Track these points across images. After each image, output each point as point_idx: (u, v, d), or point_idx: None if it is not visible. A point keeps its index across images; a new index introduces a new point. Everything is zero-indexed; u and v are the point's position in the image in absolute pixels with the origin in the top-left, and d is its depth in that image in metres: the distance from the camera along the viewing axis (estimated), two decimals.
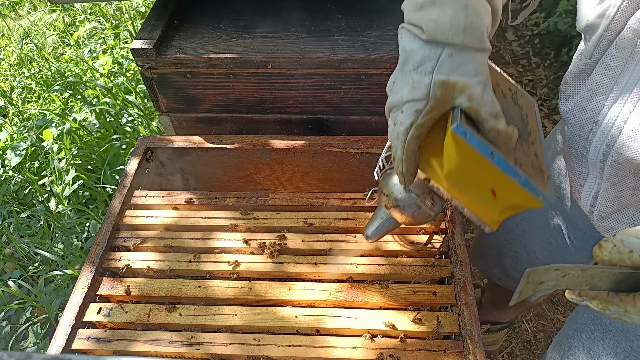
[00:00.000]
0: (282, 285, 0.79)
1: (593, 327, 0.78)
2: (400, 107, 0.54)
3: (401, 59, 0.53)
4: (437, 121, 0.54)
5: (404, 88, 0.53)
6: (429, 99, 0.51)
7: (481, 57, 0.51)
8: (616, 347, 0.73)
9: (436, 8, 0.49)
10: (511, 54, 2.40)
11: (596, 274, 0.45)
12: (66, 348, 0.74)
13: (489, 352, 1.44)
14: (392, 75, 0.55)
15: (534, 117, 0.62)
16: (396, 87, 0.54)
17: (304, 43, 0.99)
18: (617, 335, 0.73)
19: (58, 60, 2.17)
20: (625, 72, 0.54)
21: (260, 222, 0.89)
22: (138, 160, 1.01)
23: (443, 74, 0.50)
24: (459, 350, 0.71)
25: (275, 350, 0.72)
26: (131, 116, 1.78)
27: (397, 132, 0.55)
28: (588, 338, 0.79)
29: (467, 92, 0.50)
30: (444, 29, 0.49)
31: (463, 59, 0.50)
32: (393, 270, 0.81)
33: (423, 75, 0.51)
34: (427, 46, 0.50)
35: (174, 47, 1.01)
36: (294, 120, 1.08)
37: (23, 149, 1.65)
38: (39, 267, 1.48)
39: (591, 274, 0.45)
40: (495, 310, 1.35)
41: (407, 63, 0.52)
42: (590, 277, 0.45)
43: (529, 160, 0.56)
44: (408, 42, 0.52)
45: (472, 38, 0.49)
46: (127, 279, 0.82)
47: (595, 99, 0.58)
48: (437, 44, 0.50)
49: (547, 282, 0.46)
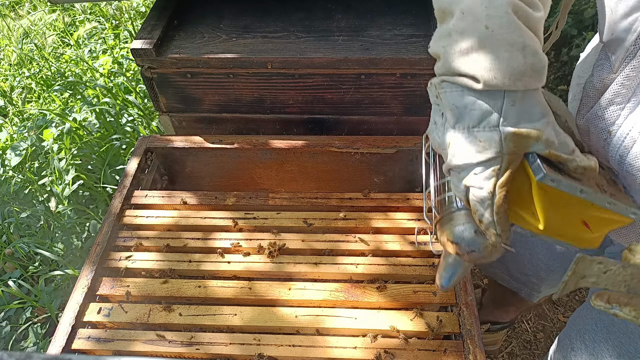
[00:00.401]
0: (282, 285, 0.79)
1: (596, 329, 0.78)
2: (471, 169, 0.50)
3: (452, 116, 0.49)
4: None
5: (471, 149, 0.48)
6: (503, 155, 0.48)
7: (541, 96, 0.48)
8: (620, 349, 0.73)
9: (488, 53, 0.45)
10: None
11: (636, 274, 0.44)
12: (66, 348, 0.74)
13: (489, 352, 1.44)
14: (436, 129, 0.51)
15: (569, 116, 0.62)
16: (458, 149, 0.49)
17: (304, 43, 0.99)
18: (621, 336, 0.73)
19: (58, 60, 2.17)
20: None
21: (260, 222, 0.89)
22: (138, 160, 1.01)
23: (512, 126, 0.46)
24: (459, 350, 0.71)
25: (275, 350, 0.72)
26: (131, 116, 1.78)
27: (481, 198, 0.51)
28: (591, 339, 0.79)
29: (542, 139, 0.47)
30: (503, 76, 0.45)
31: (528, 104, 0.47)
32: (393, 270, 0.81)
33: (489, 131, 0.47)
34: (484, 97, 0.46)
35: (174, 47, 1.01)
36: (294, 120, 1.08)
37: (23, 149, 1.65)
38: (39, 267, 1.48)
39: (632, 273, 0.44)
40: (495, 310, 1.35)
41: (463, 120, 0.48)
42: (630, 277, 0.44)
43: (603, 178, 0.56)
44: (457, 97, 0.47)
45: (534, 80, 0.46)
46: (127, 279, 0.82)
47: (610, 109, 0.57)
48: (495, 93, 0.46)
49: (589, 276, 0.45)
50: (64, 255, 1.46)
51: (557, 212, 0.54)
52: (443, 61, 0.48)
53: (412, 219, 0.88)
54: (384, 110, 1.03)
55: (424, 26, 1.01)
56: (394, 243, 0.84)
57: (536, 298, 1.06)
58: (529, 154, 0.50)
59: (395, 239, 0.85)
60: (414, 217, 0.88)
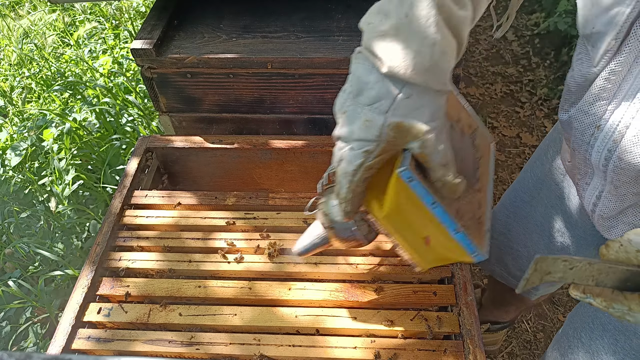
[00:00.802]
0: (282, 285, 0.79)
1: (592, 326, 0.78)
2: (350, 143, 0.51)
3: (355, 87, 0.50)
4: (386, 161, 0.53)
5: (356, 123, 0.49)
6: (381, 141, 0.49)
7: (440, 100, 0.48)
8: (615, 346, 0.73)
9: (400, 41, 0.46)
10: (511, 54, 2.40)
11: (603, 269, 0.45)
12: (66, 348, 0.74)
13: (489, 352, 1.44)
14: (342, 97, 0.52)
15: (487, 160, 0.61)
16: (348, 118, 0.50)
17: (304, 43, 0.99)
18: (616, 333, 0.73)
19: (58, 60, 2.17)
20: (628, 77, 0.53)
21: (260, 222, 0.89)
22: (138, 160, 1.01)
23: (398, 116, 0.47)
24: (459, 350, 0.71)
25: (275, 350, 0.72)
26: (131, 116, 1.78)
27: (345, 171, 0.52)
28: (587, 337, 0.79)
29: (421, 138, 0.47)
30: (407, 66, 0.45)
31: (421, 101, 0.47)
32: (393, 270, 0.81)
33: (377, 114, 0.48)
34: (385, 81, 0.47)
35: (174, 47, 1.01)
36: (294, 120, 1.08)
37: (23, 149, 1.65)
38: (39, 267, 1.48)
39: (598, 268, 0.45)
40: (495, 309, 1.35)
41: (361, 95, 0.49)
42: (597, 272, 0.45)
43: (472, 211, 0.55)
44: (364, 71, 0.49)
45: (435, 80, 0.47)
46: (127, 279, 0.82)
47: (597, 104, 0.57)
48: (396, 80, 0.47)
49: (554, 273, 0.46)
50: (64, 255, 1.46)
51: (405, 213, 0.54)
52: (365, 36, 0.49)
53: None
54: None
55: None
56: None
57: (534, 296, 1.06)
58: (406, 150, 0.51)
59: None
60: None
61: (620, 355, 0.73)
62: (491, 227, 0.91)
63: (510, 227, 0.99)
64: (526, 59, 2.36)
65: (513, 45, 2.44)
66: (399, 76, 0.46)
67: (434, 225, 0.52)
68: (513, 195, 1.01)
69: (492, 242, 1.04)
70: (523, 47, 2.43)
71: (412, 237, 0.57)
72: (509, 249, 1.02)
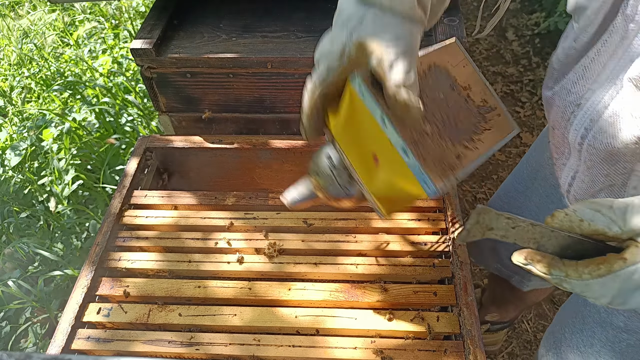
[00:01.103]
0: (282, 286, 0.79)
1: (575, 320, 0.79)
2: (318, 64, 0.51)
3: (335, 15, 0.51)
4: None
5: (326, 41, 0.50)
6: (344, 58, 0.49)
7: (409, 27, 0.48)
8: (592, 339, 0.75)
9: None
10: (511, 53, 2.40)
11: (545, 233, 0.46)
12: (66, 348, 0.74)
13: (489, 352, 1.44)
14: None
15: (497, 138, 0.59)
16: (321, 40, 0.52)
17: (304, 43, 0.99)
18: (594, 326, 0.74)
19: (58, 60, 2.17)
20: (613, 58, 0.53)
21: (260, 222, 0.89)
22: (138, 160, 1.01)
23: (361, 34, 0.48)
24: (459, 351, 0.71)
25: (275, 350, 0.72)
26: (131, 116, 1.78)
27: (309, 87, 0.52)
28: (570, 331, 0.81)
29: (378, 55, 0.47)
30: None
31: (387, 23, 0.47)
32: (393, 270, 0.81)
33: (342, 30, 0.49)
34: (358, 5, 0.48)
35: (173, 47, 1.00)
36: (294, 120, 1.08)
37: (23, 149, 1.64)
38: (38, 267, 1.48)
39: (541, 231, 0.46)
40: (495, 308, 1.35)
41: (337, 18, 0.50)
42: (540, 235, 0.46)
43: (443, 155, 0.53)
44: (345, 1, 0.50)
45: (400, 3, 0.47)
46: (127, 279, 0.82)
47: (580, 83, 0.58)
48: (367, 4, 0.48)
49: (497, 230, 0.46)
50: (64, 255, 1.46)
51: (355, 126, 0.53)
52: None
53: (412, 219, 0.88)
54: None
55: None
56: (394, 243, 0.84)
57: (527, 287, 1.07)
58: None
59: (395, 239, 0.85)
60: (415, 217, 0.88)
61: (597, 347, 0.74)
62: None
63: None
64: (526, 58, 2.35)
65: (513, 45, 2.44)
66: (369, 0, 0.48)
67: (382, 142, 0.50)
68: (508, 186, 1.01)
69: None
70: (523, 47, 2.42)
71: (362, 153, 0.55)
72: None
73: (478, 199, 1.81)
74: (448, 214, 0.87)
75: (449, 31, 0.90)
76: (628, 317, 0.69)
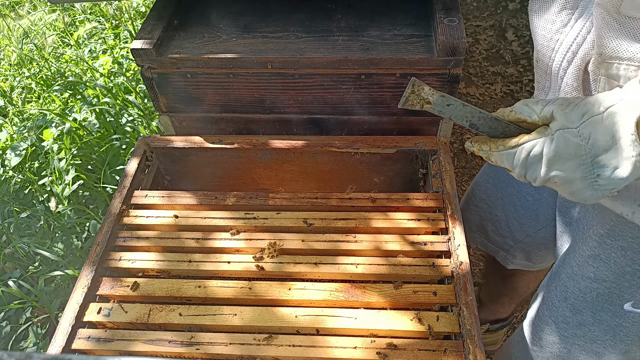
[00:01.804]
0: (282, 285, 0.79)
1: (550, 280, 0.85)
2: None
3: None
4: None
5: None
6: None
7: None
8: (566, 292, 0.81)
9: None
10: (511, 54, 2.40)
11: (475, 113, 0.58)
12: (66, 348, 0.74)
13: (488, 352, 1.44)
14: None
15: None
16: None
17: (304, 43, 0.99)
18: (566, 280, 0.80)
19: (58, 60, 2.17)
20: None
21: (260, 222, 0.89)
22: (138, 160, 1.01)
23: None
24: (459, 350, 0.71)
25: (275, 350, 0.72)
26: (131, 116, 1.78)
27: None
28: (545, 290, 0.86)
29: None
30: None
31: None
32: (393, 270, 0.81)
33: None
34: None
35: (174, 47, 1.01)
36: (294, 120, 1.08)
37: (23, 149, 1.65)
38: (39, 267, 1.48)
39: (470, 111, 0.58)
40: (492, 304, 1.36)
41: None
42: (470, 115, 0.58)
43: None
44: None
45: None
46: (127, 279, 0.82)
47: (563, 13, 0.62)
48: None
49: (434, 105, 0.58)
50: (64, 256, 1.46)
51: None
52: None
53: (412, 219, 0.88)
54: (384, 110, 1.03)
55: (424, 26, 1.01)
56: (394, 243, 0.84)
57: (511, 264, 1.09)
58: None
59: (395, 239, 0.85)
60: (414, 217, 0.88)
61: (571, 300, 0.79)
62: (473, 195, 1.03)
63: (489, 192, 1.03)
64: (526, 58, 2.35)
65: (513, 45, 2.44)
66: None
67: None
68: None
69: (473, 210, 1.08)
70: (523, 47, 2.42)
71: None
72: (489, 214, 1.05)
73: None
74: (448, 213, 0.87)
75: (449, 31, 0.90)
76: (597, 268, 0.73)
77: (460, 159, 1.94)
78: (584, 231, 0.76)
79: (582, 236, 0.76)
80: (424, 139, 1.00)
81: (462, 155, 1.95)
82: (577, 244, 0.78)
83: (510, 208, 0.99)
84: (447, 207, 0.88)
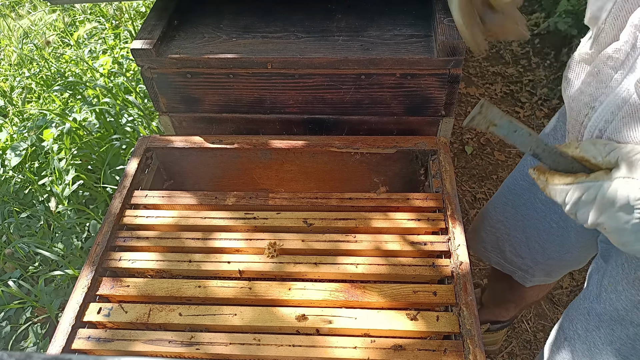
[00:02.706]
0: (282, 285, 0.79)
1: (588, 317, 0.79)
2: None
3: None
4: None
5: None
6: None
7: None
8: (612, 336, 0.75)
9: None
10: (511, 54, 2.40)
11: (540, 145, 0.57)
12: (66, 348, 0.74)
13: (489, 352, 1.44)
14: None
15: None
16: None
17: (304, 43, 0.99)
18: (612, 323, 0.74)
19: (58, 61, 2.17)
20: (627, 62, 0.56)
21: (260, 222, 0.89)
22: (138, 160, 1.01)
23: None
24: (459, 350, 0.71)
25: (275, 350, 0.72)
26: (131, 116, 1.78)
27: None
28: (583, 328, 0.80)
29: None
30: None
31: None
32: (393, 270, 0.81)
33: None
34: None
35: (174, 47, 1.01)
36: (294, 120, 1.08)
37: (23, 149, 1.65)
38: (39, 267, 1.48)
39: (536, 141, 0.57)
40: (495, 308, 1.35)
41: None
42: (535, 145, 0.57)
43: None
44: None
45: None
46: (127, 279, 0.82)
47: (594, 86, 0.61)
48: None
49: (500, 128, 0.56)
50: (64, 255, 1.46)
51: None
52: None
53: (412, 219, 0.88)
54: (384, 110, 1.03)
55: (424, 26, 1.01)
56: (394, 243, 0.84)
57: (529, 282, 1.07)
58: None
59: (395, 239, 0.85)
60: (414, 217, 0.88)
61: (617, 345, 0.74)
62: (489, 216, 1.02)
63: (508, 214, 1.01)
64: (526, 59, 2.36)
65: (513, 45, 2.44)
66: None
67: None
68: (511, 183, 1.02)
69: (490, 230, 1.07)
70: (523, 47, 2.43)
71: None
72: (507, 235, 1.04)
73: (478, 199, 1.81)
74: (448, 213, 0.87)
75: (449, 31, 0.90)
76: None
77: (460, 159, 1.94)
78: (629, 272, 0.72)
79: (628, 278, 0.72)
80: (424, 139, 1.00)
81: (462, 155, 1.95)
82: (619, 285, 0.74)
83: (531, 232, 0.98)
84: (447, 207, 0.88)
